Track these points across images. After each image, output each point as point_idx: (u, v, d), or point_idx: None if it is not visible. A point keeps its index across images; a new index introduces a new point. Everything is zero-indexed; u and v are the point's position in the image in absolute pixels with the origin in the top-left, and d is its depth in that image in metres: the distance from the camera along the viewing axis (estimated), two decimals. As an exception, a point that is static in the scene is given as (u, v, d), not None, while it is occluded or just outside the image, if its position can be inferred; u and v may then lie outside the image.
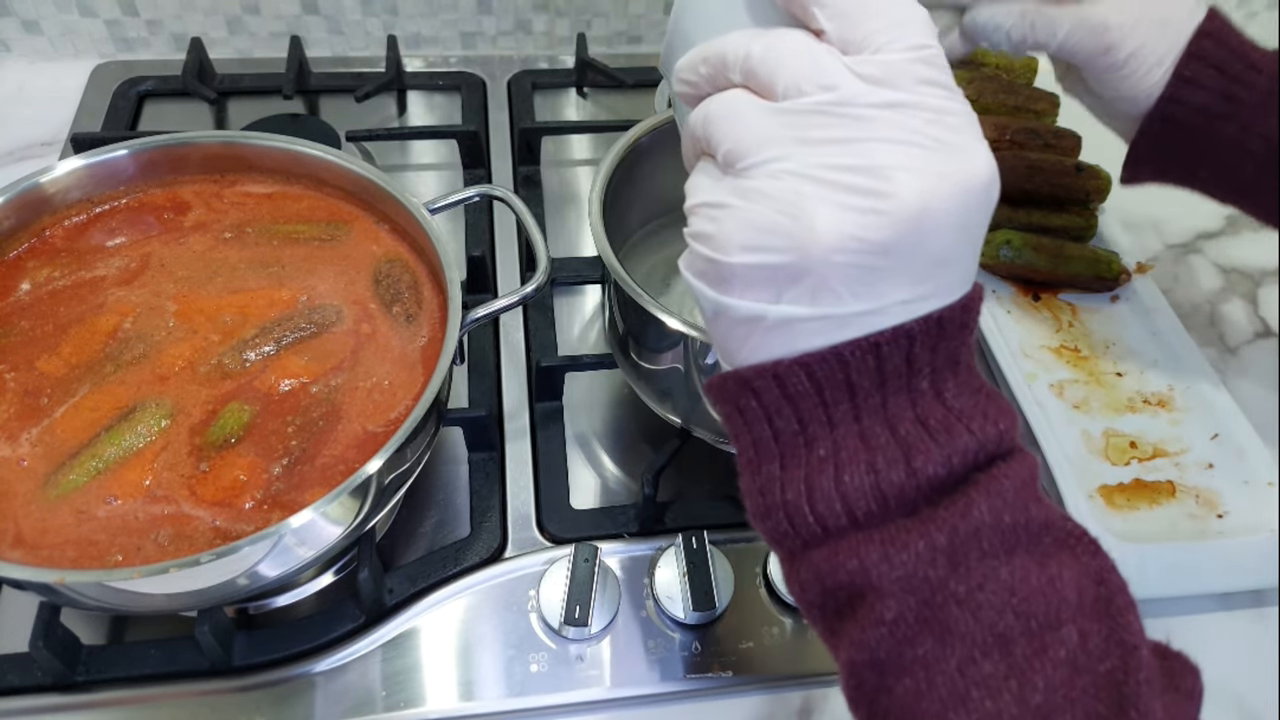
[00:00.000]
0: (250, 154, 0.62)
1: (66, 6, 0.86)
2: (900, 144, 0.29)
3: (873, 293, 0.30)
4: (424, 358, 0.55)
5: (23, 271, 0.57)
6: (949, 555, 0.30)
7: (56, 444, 0.49)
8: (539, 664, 0.55)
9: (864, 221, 0.29)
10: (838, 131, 0.29)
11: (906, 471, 0.30)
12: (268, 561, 0.46)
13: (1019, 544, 0.30)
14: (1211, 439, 0.69)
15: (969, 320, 0.32)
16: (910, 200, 0.29)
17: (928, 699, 0.30)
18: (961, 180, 0.30)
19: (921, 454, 0.30)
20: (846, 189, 0.29)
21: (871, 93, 0.30)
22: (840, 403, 0.31)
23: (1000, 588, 0.30)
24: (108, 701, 0.52)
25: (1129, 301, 0.78)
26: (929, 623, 0.30)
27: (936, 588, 0.30)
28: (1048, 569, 0.30)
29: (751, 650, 0.57)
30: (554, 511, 0.62)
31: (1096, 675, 0.29)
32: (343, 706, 0.53)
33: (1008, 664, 0.29)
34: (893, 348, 0.30)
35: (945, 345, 0.31)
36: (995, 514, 0.30)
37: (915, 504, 0.31)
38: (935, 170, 0.29)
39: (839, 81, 0.30)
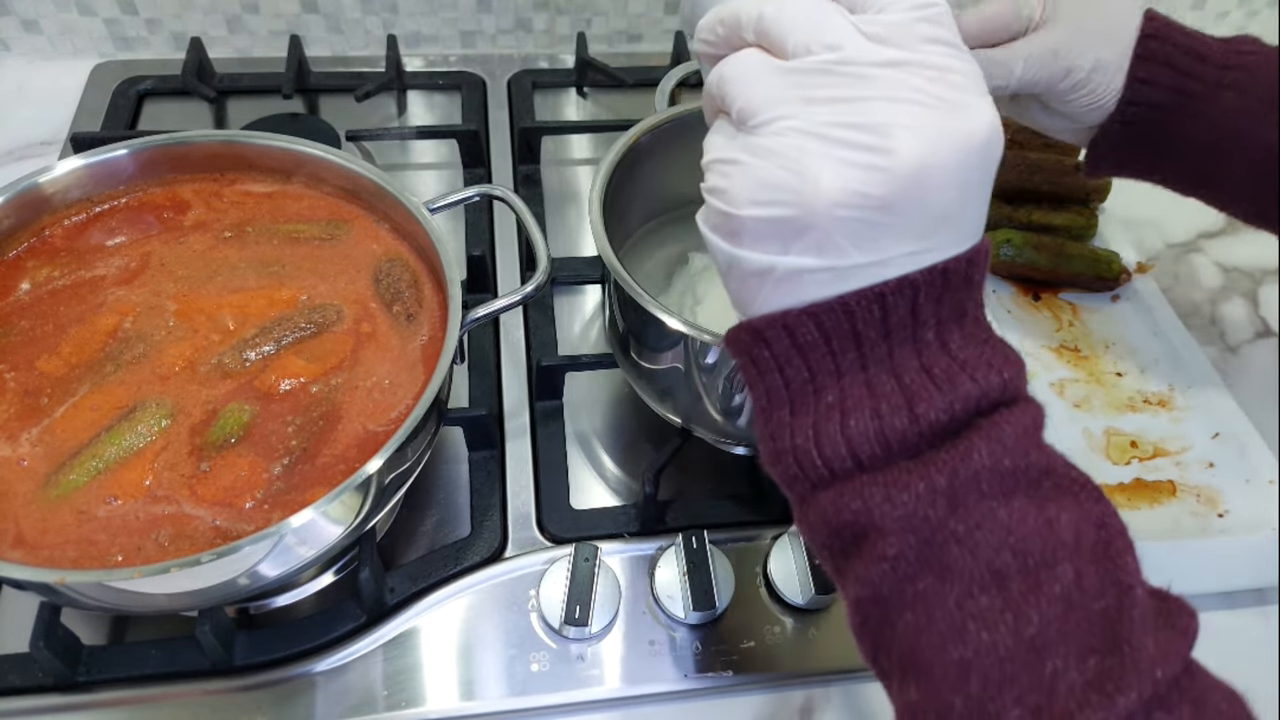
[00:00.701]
0: (250, 153, 0.61)
1: (66, 5, 0.86)
2: (901, 102, 0.30)
3: (876, 246, 0.31)
4: (424, 357, 0.55)
5: (23, 271, 0.57)
6: (948, 496, 0.31)
7: (57, 444, 0.49)
8: (539, 664, 0.55)
9: (865, 178, 0.30)
10: (841, 90, 0.30)
11: (909, 417, 0.31)
12: (268, 561, 0.46)
13: (1018, 487, 0.31)
14: (1212, 438, 0.69)
15: (974, 274, 0.32)
16: (909, 157, 0.30)
17: (927, 632, 0.31)
18: (961, 137, 0.30)
19: (924, 401, 0.31)
20: (848, 145, 0.30)
21: (875, 51, 0.31)
22: (847, 351, 0.32)
23: (998, 527, 0.31)
24: (108, 702, 0.52)
25: (1129, 301, 0.78)
26: (929, 560, 0.31)
27: (936, 527, 0.31)
28: (1046, 511, 0.31)
29: (752, 650, 0.57)
30: (554, 511, 0.62)
31: (1091, 612, 0.30)
32: (344, 706, 0.53)
33: (1004, 599, 0.30)
34: (897, 298, 0.31)
35: (950, 297, 0.32)
36: (995, 458, 0.31)
37: (918, 448, 0.32)
38: (935, 127, 0.30)
39: (843, 41, 0.31)
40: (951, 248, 0.32)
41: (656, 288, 0.68)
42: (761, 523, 0.62)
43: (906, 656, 0.32)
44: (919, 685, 0.32)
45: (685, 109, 0.64)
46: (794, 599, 0.58)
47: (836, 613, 0.59)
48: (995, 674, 0.30)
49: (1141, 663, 0.29)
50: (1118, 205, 0.82)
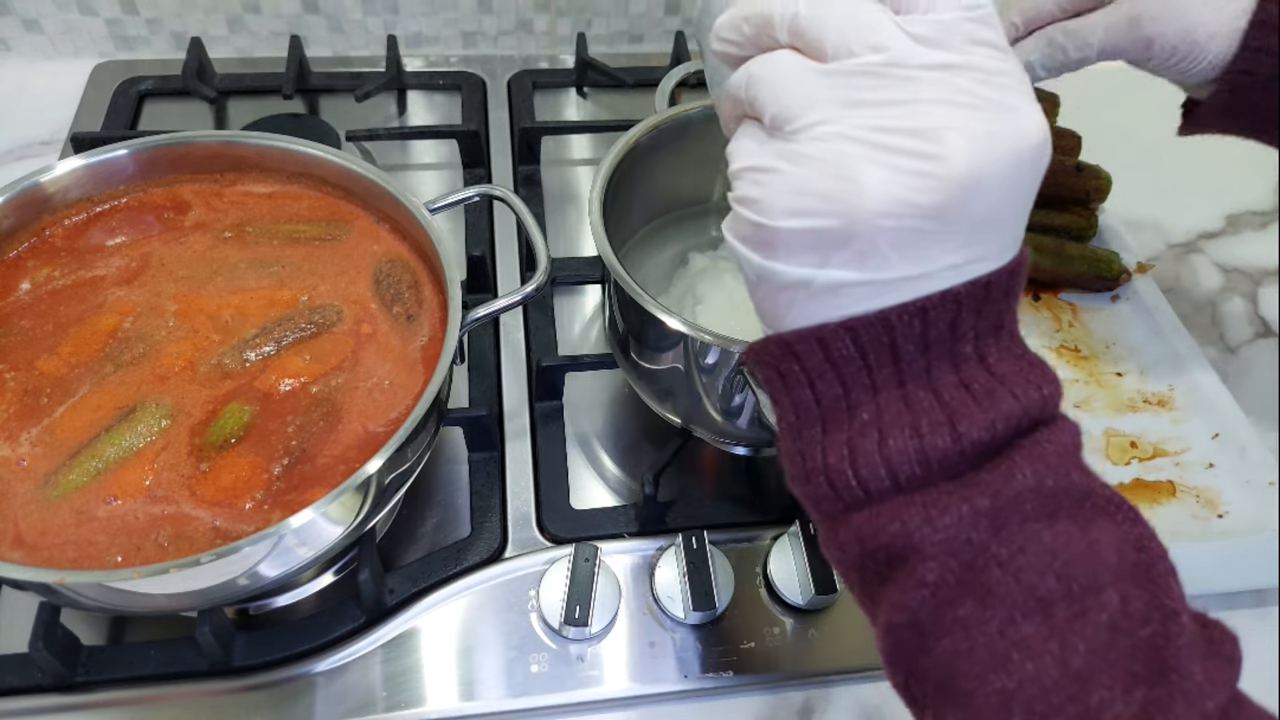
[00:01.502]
0: (250, 154, 0.61)
1: (66, 5, 0.86)
2: (951, 105, 0.29)
3: (922, 257, 0.29)
4: (424, 357, 0.55)
5: (23, 271, 0.57)
6: (991, 518, 0.30)
7: (56, 444, 0.49)
8: (539, 664, 0.55)
9: (914, 184, 0.28)
10: (887, 93, 0.29)
11: (951, 435, 0.30)
12: (268, 562, 0.46)
13: (1061, 509, 0.30)
14: (1212, 439, 0.69)
15: (1014, 285, 0.31)
16: (961, 163, 0.28)
17: (967, 660, 0.30)
18: (1013, 142, 0.29)
19: (965, 418, 0.30)
20: (896, 151, 0.28)
21: (922, 53, 0.29)
22: (884, 366, 0.31)
23: (1042, 551, 0.30)
24: (108, 702, 0.52)
25: (1129, 301, 0.78)
26: (970, 585, 0.30)
27: (979, 550, 0.30)
28: (1089, 534, 0.30)
29: (752, 650, 0.57)
30: (554, 511, 0.62)
31: (1137, 639, 0.29)
32: (343, 707, 0.53)
33: (1049, 627, 0.29)
34: (939, 312, 0.30)
35: (990, 309, 0.31)
36: (1038, 478, 0.30)
37: (958, 468, 0.31)
38: (986, 132, 0.29)
39: (889, 42, 0.29)
40: (995, 259, 0.31)
41: (656, 288, 0.68)
42: (761, 523, 0.62)
43: (943, 685, 0.31)
44: (956, 716, 0.31)
45: (685, 109, 0.64)
46: (794, 599, 0.58)
47: (836, 613, 0.59)
48: (1039, 705, 0.29)
49: (1190, 693, 0.28)
50: (1118, 205, 0.82)
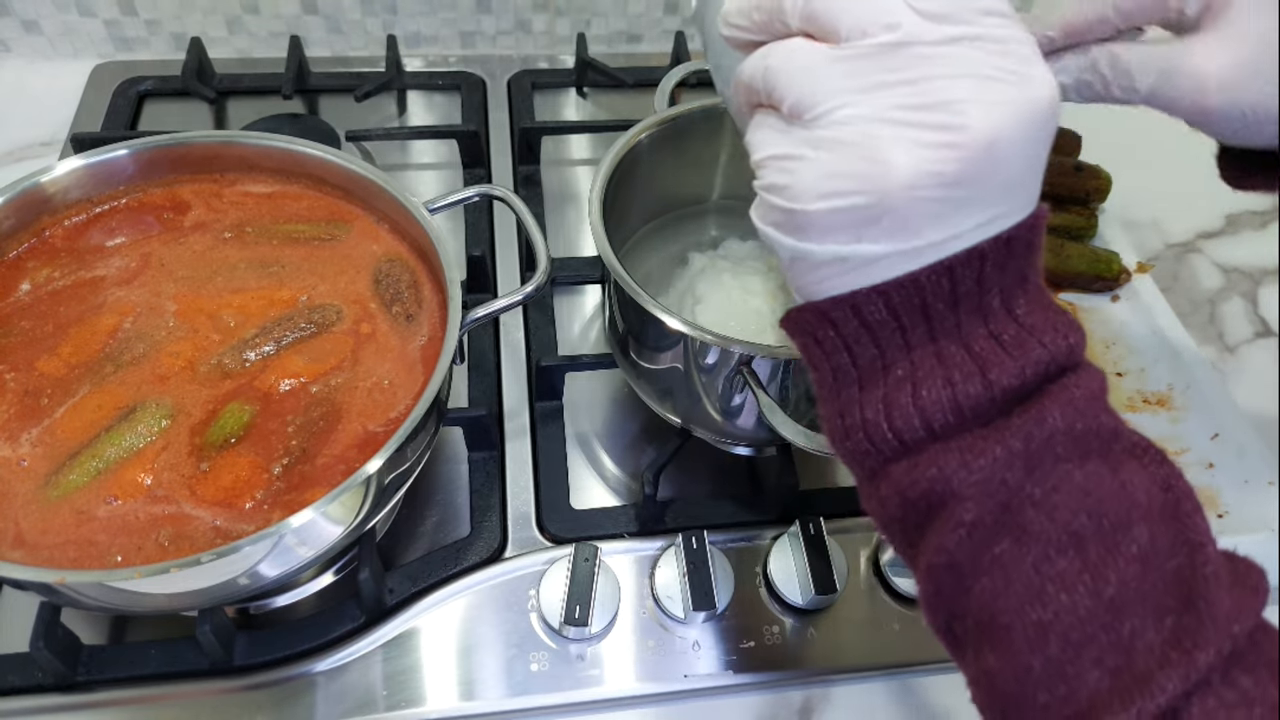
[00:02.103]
0: (250, 154, 0.62)
1: (66, 6, 0.86)
2: (967, 77, 0.30)
3: (949, 223, 0.31)
4: (424, 357, 0.55)
5: (23, 271, 0.57)
6: (1025, 460, 0.31)
7: (57, 444, 0.49)
8: (539, 664, 0.55)
9: (940, 156, 0.29)
10: (906, 72, 0.30)
11: (983, 384, 0.31)
12: (268, 561, 0.46)
13: (1091, 449, 0.32)
14: (1211, 439, 0.69)
15: (1035, 239, 0.32)
16: (982, 131, 0.29)
17: (1005, 596, 0.31)
18: (1028, 107, 0.30)
19: (996, 367, 0.31)
20: (920, 126, 0.30)
21: (934, 29, 0.30)
22: (916, 326, 0.32)
23: (1074, 490, 0.31)
24: (108, 701, 0.52)
25: (1129, 301, 0.78)
26: (1006, 524, 0.31)
27: (1014, 491, 0.31)
28: (1120, 474, 0.31)
29: (752, 650, 0.57)
30: (554, 511, 0.62)
31: (1165, 572, 0.30)
32: (343, 706, 0.53)
33: (1082, 560, 0.30)
34: (965, 269, 0.31)
35: (1014, 264, 0.32)
36: (1068, 421, 0.31)
37: (990, 415, 0.32)
38: (1002, 99, 0.30)
39: (901, 19, 0.30)
40: (1017, 214, 0.32)
41: (656, 288, 0.68)
42: (761, 523, 0.62)
43: (983, 622, 0.32)
44: (996, 651, 0.32)
45: (685, 109, 0.64)
46: (794, 599, 0.58)
47: (836, 613, 0.59)
48: (1074, 635, 0.30)
49: (1218, 619, 0.29)
50: (1118, 205, 0.82)
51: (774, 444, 0.63)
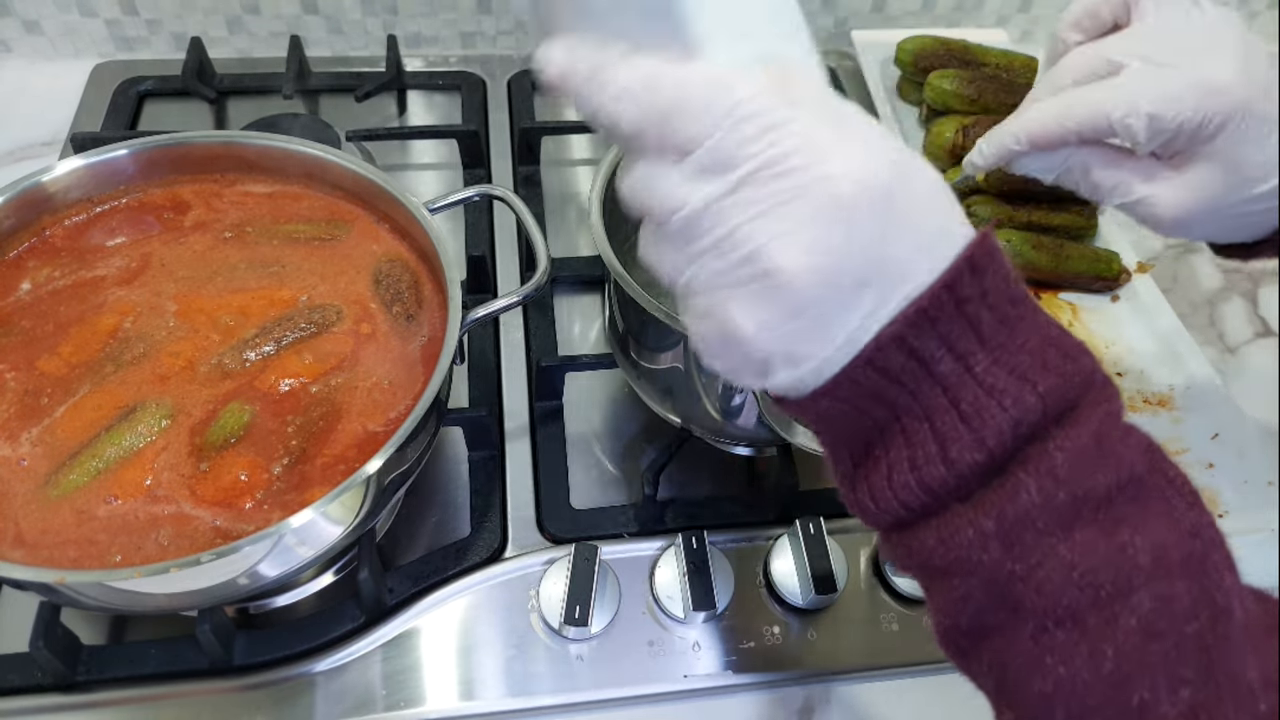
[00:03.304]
0: (250, 154, 0.62)
1: (67, 6, 0.86)
2: (760, 217, 0.29)
3: (828, 335, 0.30)
4: (424, 357, 0.55)
5: (23, 271, 0.57)
6: (1001, 538, 0.30)
7: (57, 444, 0.49)
8: (539, 664, 0.55)
9: (771, 305, 0.30)
10: (708, 238, 0.30)
11: (944, 463, 0.31)
12: (268, 561, 0.46)
13: (1078, 517, 0.30)
14: (1211, 439, 0.69)
15: (967, 286, 0.30)
16: (794, 263, 0.29)
17: (1009, 664, 0.31)
18: (828, 209, 0.29)
19: (955, 442, 0.30)
20: (742, 284, 0.30)
21: (714, 186, 0.30)
22: (876, 409, 0.32)
23: (1059, 565, 0.29)
24: (108, 701, 0.52)
25: (1129, 301, 0.78)
26: (999, 598, 0.31)
27: (994, 569, 0.30)
28: (1118, 536, 0.30)
29: (752, 650, 0.57)
30: (554, 511, 0.62)
31: (1182, 637, 0.29)
32: (343, 706, 0.53)
33: (1079, 632, 0.29)
34: (889, 353, 0.30)
35: (949, 325, 0.30)
36: (1046, 494, 0.29)
37: (968, 488, 0.31)
38: (799, 219, 0.29)
39: (683, 197, 0.30)
40: (914, 280, 0.30)
41: (656, 288, 0.68)
42: (761, 523, 0.62)
43: (996, 680, 0.32)
44: (1012, 708, 0.32)
45: (685, 109, 0.64)
46: (794, 599, 0.58)
47: (836, 613, 0.59)
48: (1077, 707, 0.29)
49: (1241, 693, 0.28)
50: (1118, 206, 0.82)
51: (774, 444, 0.63)
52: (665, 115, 0.30)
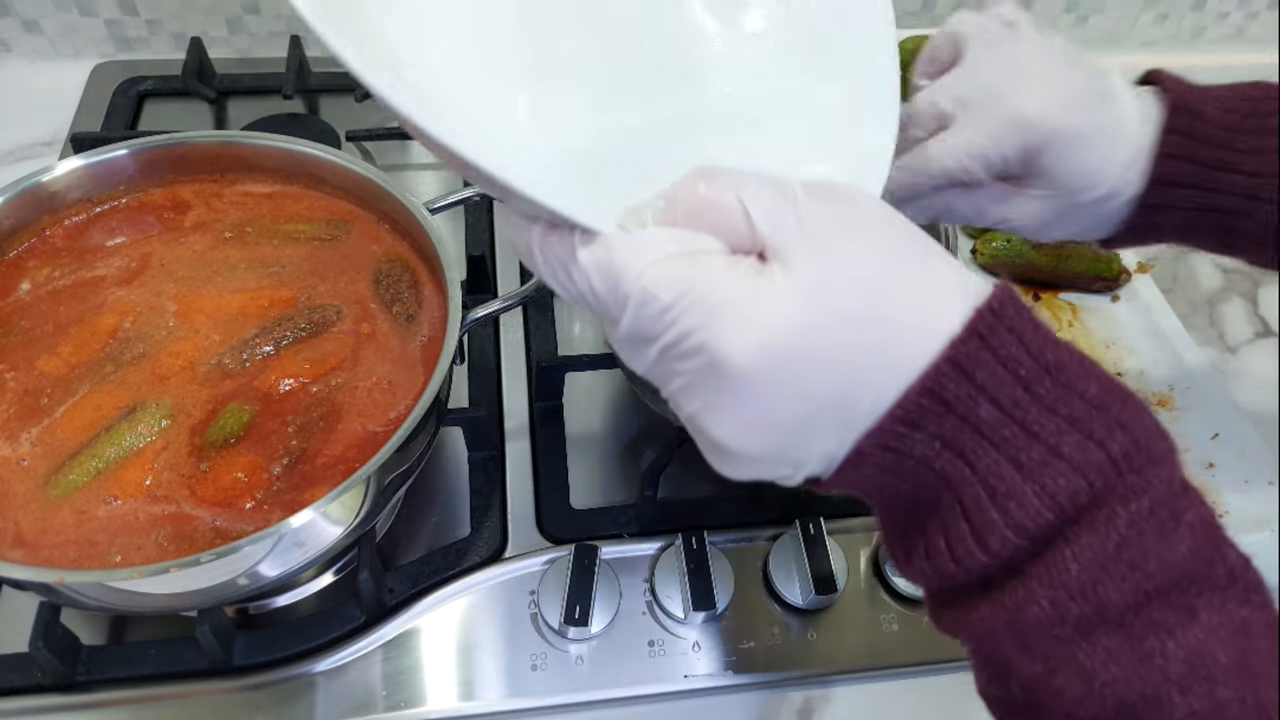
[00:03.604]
0: (250, 154, 0.61)
1: (66, 6, 0.86)
2: (684, 391, 0.31)
3: (810, 449, 0.30)
4: (424, 357, 0.55)
5: (23, 271, 0.57)
6: (1015, 639, 0.29)
7: (57, 444, 0.49)
8: (539, 664, 0.55)
9: (734, 446, 0.30)
10: (660, 390, 0.32)
11: (953, 561, 0.30)
12: (268, 561, 0.46)
13: (1097, 626, 0.28)
14: (1212, 439, 0.69)
15: (948, 393, 0.28)
16: (727, 438, 0.30)
17: None
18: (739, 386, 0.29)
19: (959, 543, 0.29)
20: (699, 433, 0.32)
21: (643, 355, 0.31)
22: (906, 482, 0.31)
23: (1079, 674, 0.28)
24: (108, 701, 0.52)
25: (1129, 301, 0.78)
26: (1022, 688, 0.30)
27: (1010, 665, 0.30)
28: (1145, 644, 0.27)
29: (752, 650, 0.57)
30: (554, 511, 0.62)
31: None
32: (343, 706, 0.53)
33: None
34: (879, 456, 0.30)
35: (934, 428, 0.29)
36: (1058, 606, 0.28)
37: (987, 580, 0.30)
38: (717, 394, 0.30)
39: (627, 357, 0.32)
40: (875, 399, 0.29)
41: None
42: (761, 523, 0.62)
43: None
44: None
45: (685, 109, 0.64)
46: (794, 600, 0.58)
47: (836, 613, 0.59)
48: None
49: None
50: (1117, 206, 0.82)
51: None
52: (581, 297, 0.31)
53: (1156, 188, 0.46)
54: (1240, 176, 0.46)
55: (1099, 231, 0.50)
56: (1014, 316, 0.29)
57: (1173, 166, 0.46)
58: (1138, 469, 0.28)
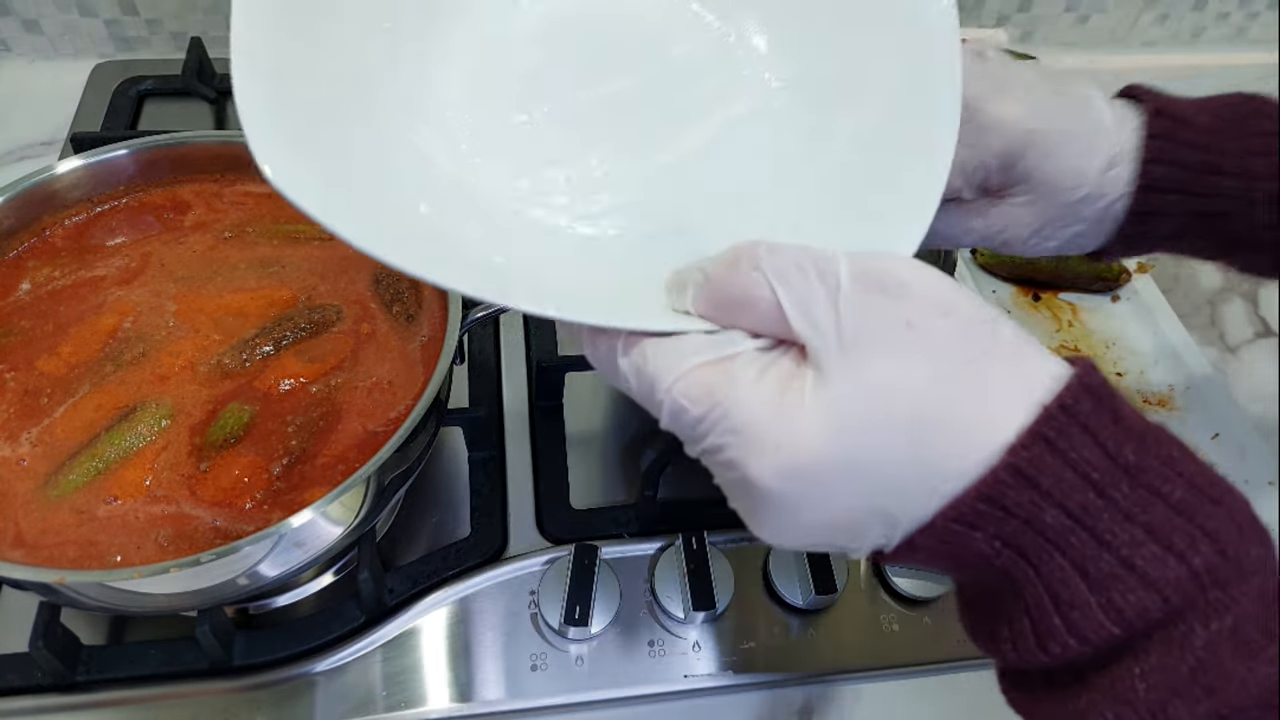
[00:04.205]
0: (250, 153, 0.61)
1: (66, 6, 0.86)
2: (726, 487, 0.31)
3: (862, 539, 0.30)
4: (424, 357, 0.55)
5: (23, 271, 0.57)
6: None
7: (57, 444, 0.49)
8: (539, 664, 0.55)
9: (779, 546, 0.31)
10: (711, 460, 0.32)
11: (1015, 652, 0.29)
12: (268, 561, 0.46)
13: None
14: (1212, 439, 0.69)
15: (1008, 500, 0.27)
16: (771, 536, 0.30)
17: None
18: (774, 503, 0.29)
19: (1022, 642, 0.29)
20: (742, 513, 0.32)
21: (688, 448, 0.32)
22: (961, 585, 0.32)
23: None
24: (108, 702, 0.52)
25: (1129, 301, 0.78)
26: None
27: None
28: None
29: (752, 650, 0.57)
30: (554, 511, 0.62)
31: None
32: (343, 706, 0.53)
33: None
34: (928, 549, 0.29)
35: (994, 529, 0.28)
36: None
37: (1051, 675, 0.29)
38: (754, 504, 0.30)
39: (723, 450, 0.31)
40: (932, 499, 0.28)
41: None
42: (761, 523, 0.62)
43: None
44: None
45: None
46: (794, 600, 0.58)
47: (836, 613, 0.59)
48: None
49: None
50: (1118, 206, 0.82)
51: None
52: (628, 394, 0.31)
53: (1145, 195, 0.46)
54: (1229, 179, 0.45)
55: (1091, 241, 0.49)
56: (1089, 412, 0.27)
57: (1159, 172, 0.45)
58: (1223, 584, 0.26)
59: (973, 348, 0.28)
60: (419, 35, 0.38)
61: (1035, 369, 0.28)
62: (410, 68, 0.37)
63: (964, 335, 0.28)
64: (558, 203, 0.37)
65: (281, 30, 0.33)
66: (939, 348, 0.28)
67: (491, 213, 0.36)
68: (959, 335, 0.28)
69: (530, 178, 0.37)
